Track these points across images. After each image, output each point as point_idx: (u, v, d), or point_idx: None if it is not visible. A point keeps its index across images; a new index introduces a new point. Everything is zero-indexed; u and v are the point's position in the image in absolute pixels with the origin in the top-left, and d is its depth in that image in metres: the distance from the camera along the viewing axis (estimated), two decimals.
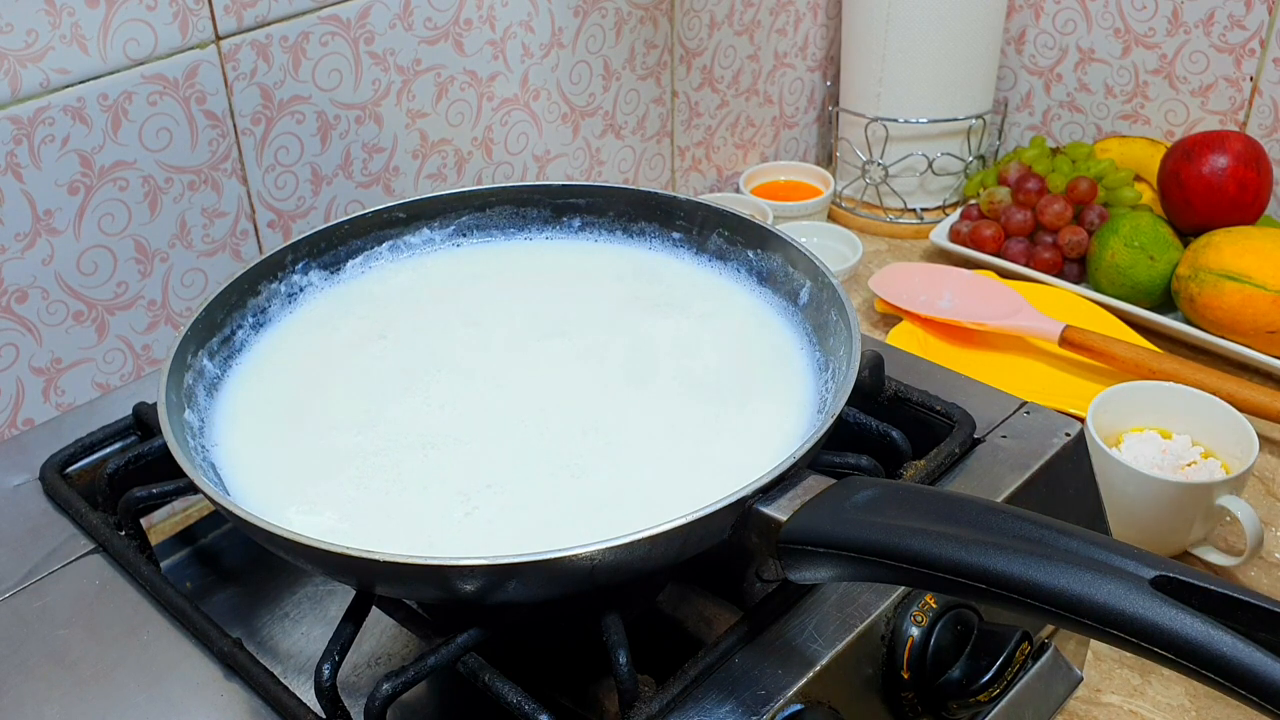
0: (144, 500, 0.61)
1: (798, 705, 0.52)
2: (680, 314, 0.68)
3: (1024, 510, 0.46)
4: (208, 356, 0.63)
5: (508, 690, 0.50)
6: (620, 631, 0.51)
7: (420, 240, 0.74)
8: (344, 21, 0.90)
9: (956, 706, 0.57)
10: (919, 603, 0.57)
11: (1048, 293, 1.13)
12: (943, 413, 0.68)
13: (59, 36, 0.76)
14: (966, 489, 0.63)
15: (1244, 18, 1.18)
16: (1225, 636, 0.39)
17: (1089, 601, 0.41)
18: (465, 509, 0.55)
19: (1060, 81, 1.34)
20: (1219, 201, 1.12)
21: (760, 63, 1.29)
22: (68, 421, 0.71)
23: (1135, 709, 0.78)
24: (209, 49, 0.84)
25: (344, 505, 0.56)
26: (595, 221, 0.75)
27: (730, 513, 0.49)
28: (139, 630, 0.57)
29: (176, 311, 0.89)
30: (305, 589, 0.67)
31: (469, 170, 1.05)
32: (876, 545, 0.46)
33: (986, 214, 1.23)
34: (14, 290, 0.80)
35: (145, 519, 0.64)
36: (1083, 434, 0.68)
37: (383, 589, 0.53)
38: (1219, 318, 1.05)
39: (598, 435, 0.59)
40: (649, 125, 1.20)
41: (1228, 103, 1.23)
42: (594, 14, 1.08)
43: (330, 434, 0.60)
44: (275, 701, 0.53)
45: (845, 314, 0.60)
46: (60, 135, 0.78)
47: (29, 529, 0.63)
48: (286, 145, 0.91)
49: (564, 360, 0.65)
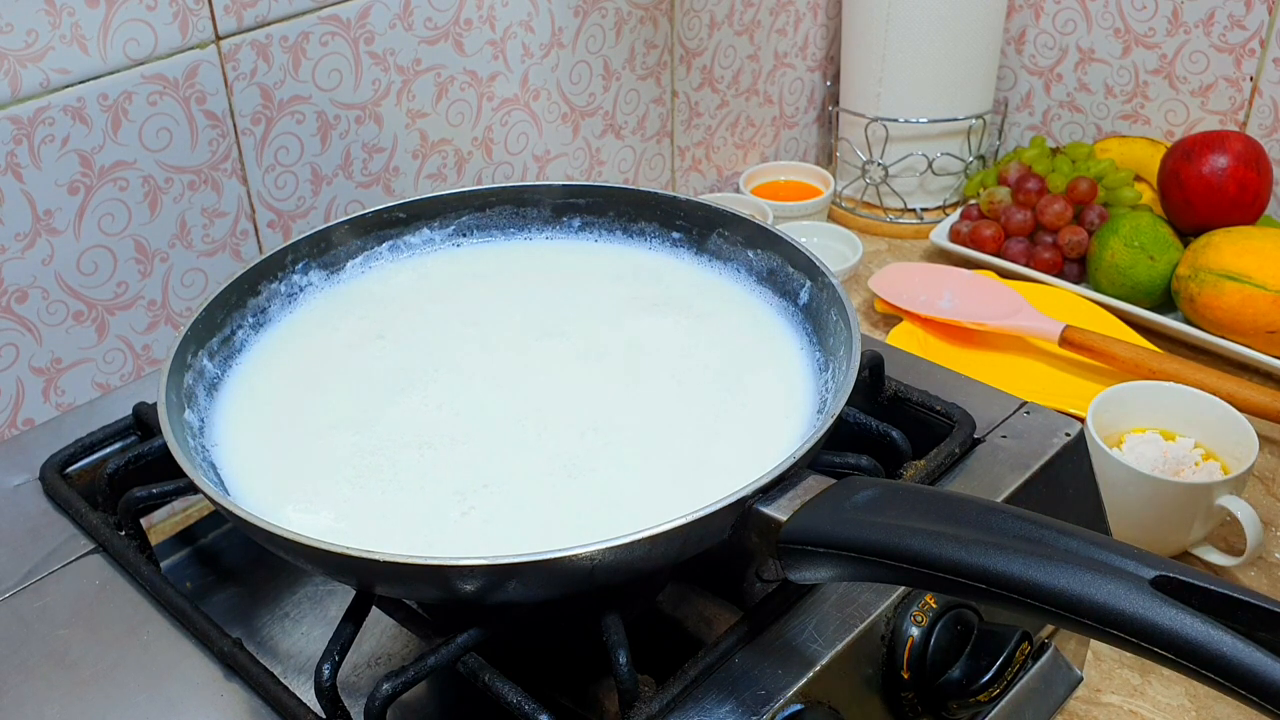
0: (144, 500, 0.61)
1: (798, 705, 0.52)
2: (680, 314, 0.68)
3: (1024, 510, 0.46)
4: (208, 356, 0.63)
5: (508, 690, 0.50)
6: (620, 631, 0.51)
7: (420, 240, 0.74)
8: (344, 21, 0.90)
9: (956, 706, 0.57)
10: (919, 603, 0.57)
11: (1048, 293, 1.13)
12: (943, 413, 0.68)
13: (59, 36, 0.76)
14: (966, 489, 0.63)
15: (1244, 18, 1.18)
16: (1225, 636, 0.39)
17: (1089, 601, 0.41)
18: (462, 509, 0.55)
19: (1060, 81, 1.34)
20: (1219, 201, 1.12)
21: (760, 63, 1.29)
22: (68, 421, 0.71)
23: (1135, 709, 0.78)
24: (209, 49, 0.84)
25: (342, 505, 0.56)
26: (595, 221, 0.75)
27: (730, 513, 0.49)
28: (139, 630, 0.57)
29: (176, 311, 0.89)
30: (305, 589, 0.67)
31: (469, 170, 1.05)
32: (876, 545, 0.46)
33: (986, 214, 1.23)
34: (14, 290, 0.80)
35: (145, 519, 0.64)
36: (1083, 434, 0.68)
37: (383, 589, 0.53)
38: (1219, 318, 1.05)
39: (596, 435, 0.59)
40: (649, 125, 1.20)
41: (1228, 103, 1.23)
42: (594, 14, 1.08)
43: (329, 434, 0.60)
44: (275, 701, 0.53)
45: (845, 314, 0.60)
46: (60, 135, 0.78)
47: (29, 529, 0.63)
48: (286, 145, 0.91)
49: (563, 360, 0.65)
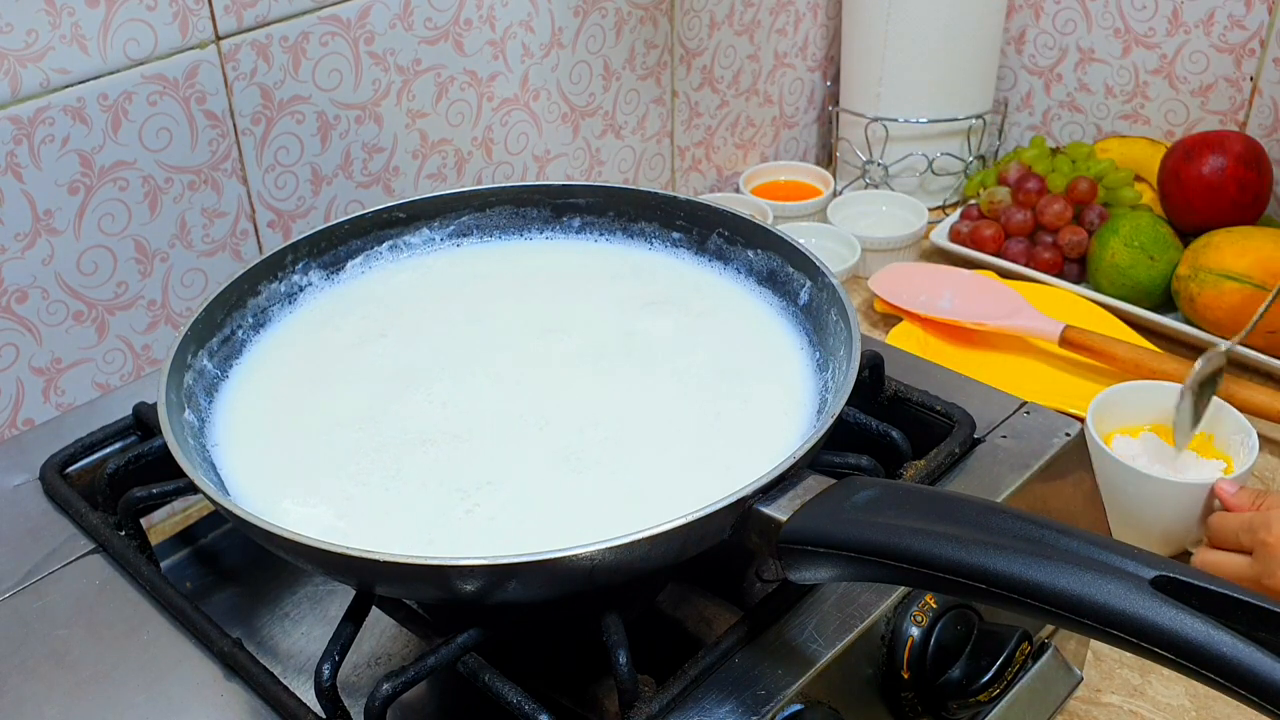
0: (144, 500, 0.61)
1: (798, 705, 0.52)
2: (680, 314, 0.68)
3: (1024, 510, 0.46)
4: (208, 356, 0.63)
5: (508, 690, 0.50)
6: (620, 631, 0.51)
7: (420, 240, 0.74)
8: (344, 21, 0.90)
9: (956, 706, 0.57)
10: (919, 603, 0.57)
11: (1048, 293, 1.13)
12: (943, 413, 0.68)
13: (59, 36, 0.76)
14: (966, 489, 0.63)
15: (1244, 18, 1.18)
16: (1225, 636, 0.39)
17: (1089, 601, 0.41)
18: (466, 506, 0.55)
19: (1060, 81, 1.34)
20: (1219, 201, 1.12)
21: (760, 63, 1.29)
22: (68, 421, 0.71)
23: (1135, 709, 0.78)
24: (209, 49, 0.84)
25: (343, 503, 0.56)
26: (595, 221, 0.75)
27: (730, 513, 0.49)
28: (139, 630, 0.57)
29: (176, 311, 0.89)
30: (305, 589, 0.67)
31: (469, 170, 1.05)
32: (876, 545, 0.46)
33: (986, 214, 1.23)
34: (14, 290, 0.80)
35: (145, 519, 0.64)
36: (1083, 434, 0.68)
37: (383, 589, 0.53)
38: (1219, 318, 1.05)
39: (597, 434, 0.59)
40: (649, 125, 1.20)
41: (1228, 103, 1.23)
42: (594, 14, 1.08)
43: (330, 433, 0.60)
44: (275, 701, 0.53)
45: (845, 314, 0.60)
46: (60, 135, 0.78)
47: (29, 529, 0.63)
48: (286, 145, 0.91)
49: (564, 360, 0.65)
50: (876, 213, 1.28)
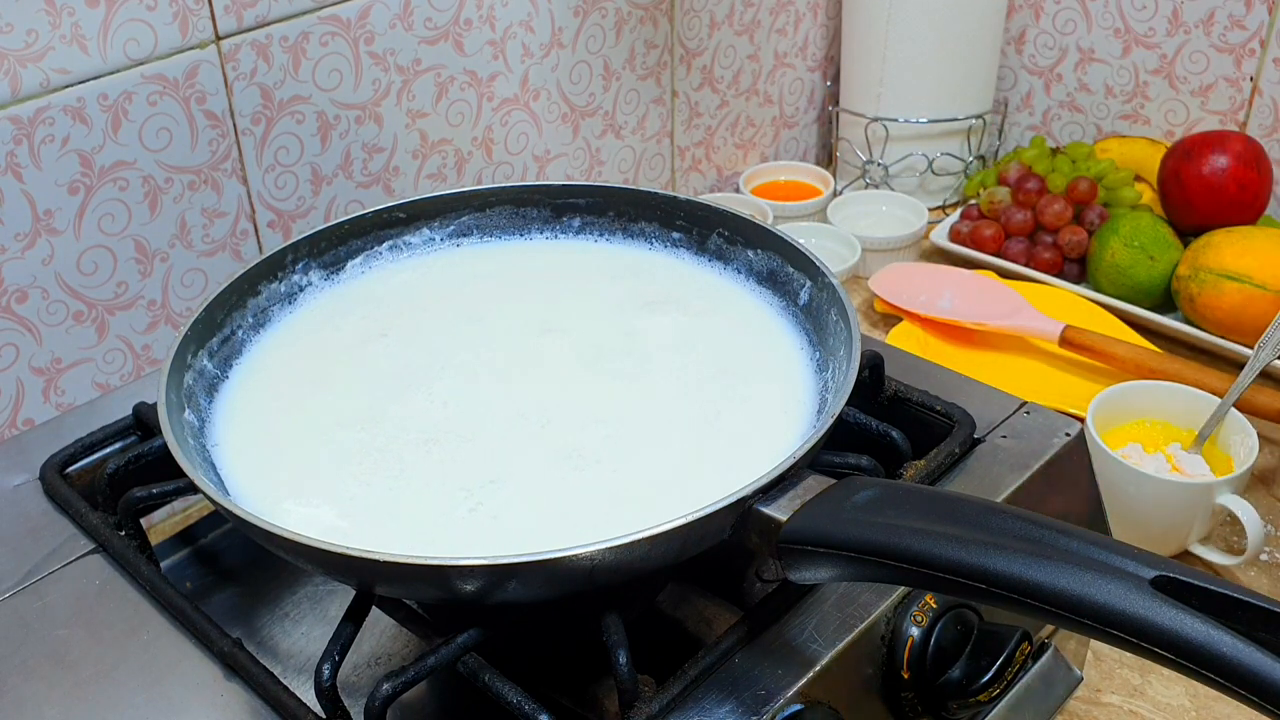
0: (144, 500, 0.61)
1: (798, 705, 0.52)
2: (680, 313, 0.68)
3: (1024, 510, 0.46)
4: (208, 356, 0.63)
5: (508, 690, 0.50)
6: (620, 631, 0.51)
7: (420, 240, 0.74)
8: (344, 21, 0.90)
9: (956, 706, 0.57)
10: (919, 603, 0.57)
11: (1048, 293, 1.13)
12: (943, 413, 0.68)
13: (59, 36, 0.76)
14: (966, 489, 0.63)
15: (1244, 18, 1.18)
16: (1225, 636, 0.39)
17: (1089, 601, 0.41)
18: (469, 505, 0.55)
19: (1060, 81, 1.34)
20: (1219, 201, 1.12)
21: (760, 63, 1.29)
22: (68, 421, 0.71)
23: (1135, 709, 0.78)
24: (209, 49, 0.84)
25: (345, 503, 0.56)
26: (595, 221, 0.75)
27: (730, 513, 0.49)
28: (139, 630, 0.57)
29: (176, 311, 0.89)
30: (305, 589, 0.67)
31: (469, 170, 1.05)
32: (876, 545, 0.46)
33: (986, 214, 1.23)
34: (14, 290, 0.80)
35: (145, 519, 0.64)
36: (1083, 434, 0.68)
37: (383, 589, 0.53)
38: (1219, 318, 1.05)
39: (598, 433, 0.59)
40: (649, 125, 1.20)
41: (1228, 103, 1.23)
42: (594, 14, 1.08)
43: (331, 432, 0.60)
44: (275, 701, 0.53)
45: (845, 314, 0.60)
46: (60, 135, 0.78)
47: (29, 529, 0.63)
48: (286, 145, 0.91)
49: (565, 359, 0.65)
50: (876, 213, 1.28)
